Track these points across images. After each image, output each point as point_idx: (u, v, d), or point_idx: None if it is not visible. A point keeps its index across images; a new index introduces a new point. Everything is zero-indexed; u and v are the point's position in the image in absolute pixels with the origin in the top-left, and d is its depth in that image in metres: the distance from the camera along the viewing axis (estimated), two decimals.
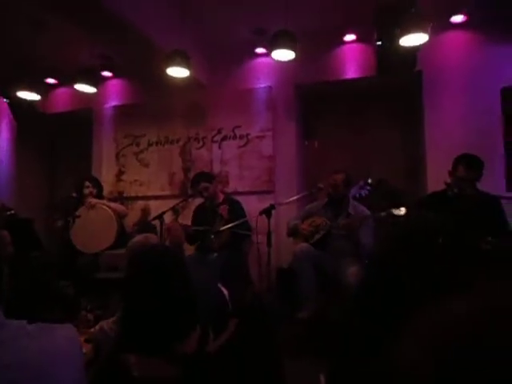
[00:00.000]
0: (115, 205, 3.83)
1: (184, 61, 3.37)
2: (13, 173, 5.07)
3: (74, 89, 4.01)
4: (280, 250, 3.75)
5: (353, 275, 2.66)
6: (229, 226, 3.09)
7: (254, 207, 3.58)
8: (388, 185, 3.74)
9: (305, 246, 2.97)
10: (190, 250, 3.50)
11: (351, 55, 3.99)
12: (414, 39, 2.87)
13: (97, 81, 4.08)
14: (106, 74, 4.74)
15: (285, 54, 3.35)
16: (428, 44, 2.97)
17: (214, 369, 1.04)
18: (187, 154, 4.42)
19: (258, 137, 4.17)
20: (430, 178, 3.62)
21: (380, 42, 3.19)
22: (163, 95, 4.43)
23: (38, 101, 4.29)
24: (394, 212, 2.64)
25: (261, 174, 4.13)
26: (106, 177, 4.65)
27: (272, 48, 3.32)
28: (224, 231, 3.17)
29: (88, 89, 3.95)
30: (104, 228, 3.57)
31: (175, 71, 3.45)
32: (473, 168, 2.56)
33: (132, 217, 4.33)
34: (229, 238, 3.24)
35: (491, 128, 3.48)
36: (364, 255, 2.91)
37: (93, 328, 1.78)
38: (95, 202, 3.66)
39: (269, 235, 2.83)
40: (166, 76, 3.50)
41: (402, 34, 2.84)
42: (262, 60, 4.26)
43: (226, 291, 1.91)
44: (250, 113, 4.21)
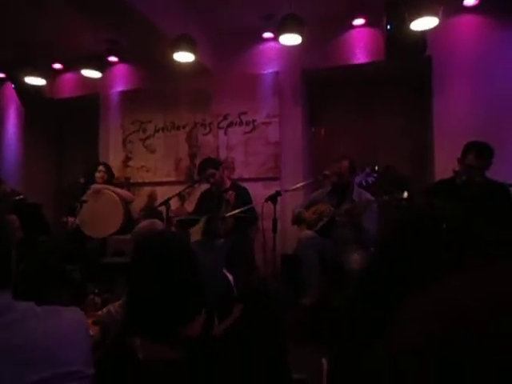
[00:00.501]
0: (121, 190, 3.86)
1: (190, 46, 3.34)
2: (21, 158, 5.12)
3: (81, 74, 4.00)
4: (285, 236, 3.77)
5: (356, 262, 2.66)
6: (235, 212, 3.10)
7: (259, 194, 3.58)
8: (395, 172, 3.71)
9: (309, 233, 2.98)
10: (197, 235, 3.52)
11: (360, 40, 3.92)
12: (424, 23, 2.81)
13: (103, 66, 4.07)
14: (112, 59, 4.71)
15: (292, 39, 3.30)
16: (438, 28, 2.91)
17: (218, 353, 1.06)
18: (193, 140, 4.42)
19: (265, 123, 4.14)
20: (437, 165, 3.58)
21: (389, 26, 3.13)
22: (169, 80, 4.40)
23: (45, 86, 4.30)
24: (397, 195, 2.63)
25: (267, 160, 4.12)
26: (113, 163, 4.66)
27: (279, 32, 3.27)
28: (230, 217, 3.18)
29: (94, 74, 3.95)
30: (110, 213, 3.60)
31: (181, 56, 3.42)
32: (483, 156, 2.53)
33: (139, 202, 4.36)
34: (234, 224, 3.26)
35: (502, 114, 3.42)
36: (368, 241, 2.91)
37: (100, 311, 1.82)
38: (101, 187, 3.69)
39: (274, 222, 2.84)
40: (172, 61, 3.47)
41: (412, 18, 2.78)
42: (268, 45, 4.20)
43: (231, 276, 1.93)
44: (257, 99, 4.18)
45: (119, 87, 4.81)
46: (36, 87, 4.22)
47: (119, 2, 3.00)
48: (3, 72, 5.03)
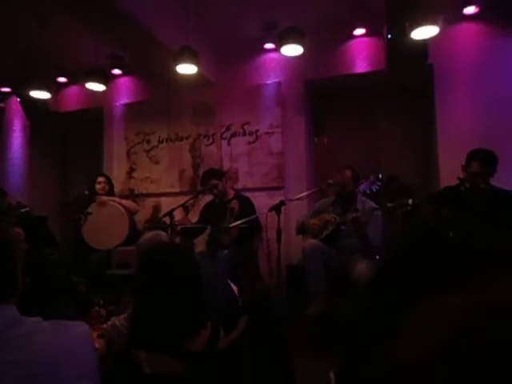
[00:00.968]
0: (126, 202, 3.87)
1: (192, 58, 3.38)
2: (26, 171, 5.16)
3: (85, 87, 4.04)
4: (290, 246, 3.75)
5: (362, 271, 2.64)
6: (239, 223, 3.10)
7: (263, 204, 3.58)
8: (399, 180, 3.70)
9: (314, 243, 2.96)
10: (201, 246, 3.52)
11: (361, 49, 3.95)
12: (425, 32, 2.82)
13: (107, 79, 4.11)
14: (116, 71, 4.77)
15: (294, 50, 3.33)
16: (439, 36, 2.92)
17: (224, 366, 1.05)
18: (197, 151, 4.44)
19: (268, 133, 4.16)
20: (442, 173, 3.57)
21: (390, 36, 3.15)
22: (172, 92, 4.44)
23: (50, 100, 4.35)
24: (402, 202, 2.62)
25: (270, 170, 4.13)
26: (117, 174, 4.70)
27: (281, 43, 3.31)
28: (234, 228, 3.18)
29: (98, 87, 3.99)
30: (116, 225, 3.61)
31: (184, 68, 3.46)
32: (487, 163, 2.52)
33: (143, 214, 4.37)
34: (238, 235, 3.25)
35: (505, 122, 3.41)
36: (373, 250, 2.90)
37: (105, 324, 1.81)
38: (106, 198, 3.70)
39: (278, 232, 2.83)
40: (175, 73, 3.51)
41: (413, 27, 2.80)
42: (270, 56, 4.24)
43: (235, 287, 1.92)
44: (259, 109, 4.20)
45: (123, 100, 4.86)
46: (41, 101, 4.27)
47: (122, 15, 3.05)
48: (9, 86, 5.10)
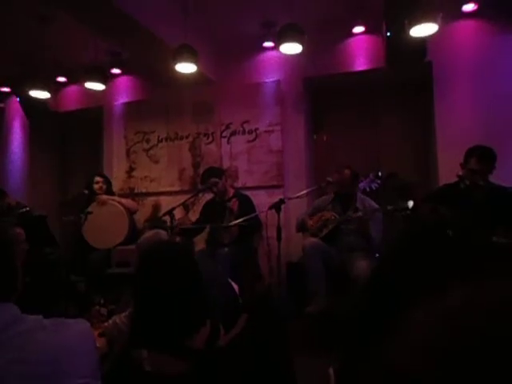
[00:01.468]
0: (126, 200, 3.87)
1: (192, 56, 3.37)
2: (26, 170, 5.16)
3: (84, 87, 4.04)
4: (290, 244, 3.76)
5: (362, 269, 2.65)
6: (239, 221, 3.10)
7: (263, 202, 3.59)
8: (398, 178, 3.71)
9: (314, 241, 2.97)
10: (201, 244, 3.52)
11: (360, 47, 3.94)
12: (423, 30, 2.82)
13: (106, 78, 4.11)
14: (115, 71, 4.77)
15: (293, 48, 3.33)
16: (438, 34, 2.92)
17: (224, 364, 1.06)
18: (197, 150, 4.44)
19: (267, 131, 4.16)
20: (441, 170, 3.57)
21: (389, 33, 3.15)
22: (172, 91, 4.44)
23: (49, 99, 4.34)
24: (402, 205, 2.62)
25: (270, 168, 4.13)
26: (116, 173, 4.70)
27: (280, 42, 3.30)
28: (234, 226, 3.18)
29: (97, 86, 3.99)
30: (116, 224, 3.61)
31: (183, 67, 3.45)
32: (485, 160, 2.53)
33: (143, 212, 4.37)
34: (238, 233, 3.26)
35: (504, 119, 3.41)
36: (374, 248, 2.90)
37: (106, 322, 1.81)
38: (106, 198, 3.70)
39: (278, 230, 2.83)
40: (175, 72, 3.51)
41: (412, 25, 2.80)
42: (270, 54, 4.24)
43: (236, 286, 1.93)
44: (259, 107, 4.20)
45: (122, 99, 4.85)
46: (40, 100, 4.27)
47: (121, 14, 3.04)
48: (8, 86, 5.10)
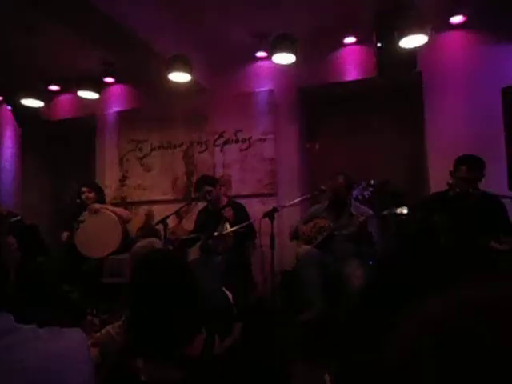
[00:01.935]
0: (119, 209, 3.85)
1: (185, 65, 3.40)
2: (18, 179, 5.12)
3: (77, 95, 4.05)
4: (283, 252, 3.76)
5: (356, 277, 2.66)
6: (233, 229, 3.11)
7: (256, 210, 3.59)
8: (391, 186, 3.75)
9: (308, 249, 2.97)
10: (195, 253, 3.52)
11: (351, 57, 4.01)
12: (413, 41, 2.89)
13: (99, 87, 4.12)
14: (108, 79, 4.78)
15: (285, 58, 3.38)
16: (428, 45, 2.99)
17: (219, 372, 1.06)
18: (190, 158, 4.45)
19: (260, 140, 4.19)
20: (432, 178, 3.62)
21: (380, 44, 3.21)
22: (165, 100, 4.46)
23: (42, 108, 4.34)
24: (397, 211, 2.65)
25: (263, 177, 4.15)
26: (109, 182, 4.68)
27: (272, 52, 3.35)
28: (228, 234, 3.18)
29: (91, 95, 4.00)
30: (108, 233, 3.59)
31: (177, 76, 3.48)
32: (474, 168, 2.57)
33: (136, 221, 4.35)
34: (232, 241, 3.26)
35: (492, 127, 3.48)
36: (368, 255, 2.92)
37: (99, 332, 1.80)
38: (99, 206, 3.68)
39: (272, 238, 2.84)
40: (168, 81, 3.53)
41: (402, 36, 2.86)
42: (263, 63, 4.28)
43: (230, 294, 1.93)
44: (252, 116, 4.23)
45: (115, 107, 4.86)
46: (32, 109, 4.26)
47: (115, 24, 3.06)
48: (0, 95, 5.07)
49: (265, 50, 4.11)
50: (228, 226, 3.26)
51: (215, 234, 3.29)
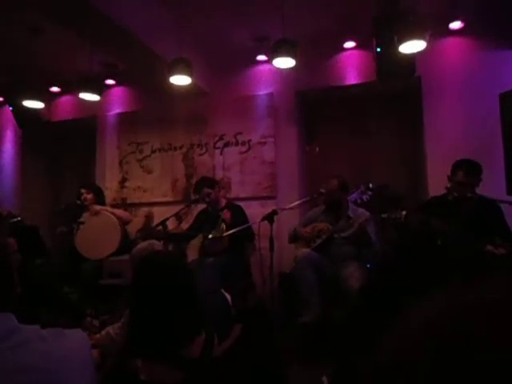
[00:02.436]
0: (119, 211, 3.86)
1: (186, 69, 3.42)
2: (18, 181, 5.12)
3: (78, 97, 4.05)
4: (282, 255, 3.77)
5: (355, 279, 2.67)
6: (231, 232, 3.12)
7: (256, 213, 3.61)
8: (389, 190, 3.76)
9: (306, 252, 2.99)
10: (193, 254, 3.53)
11: (351, 62, 4.04)
12: (412, 46, 2.91)
13: (100, 89, 4.12)
14: (110, 81, 4.80)
15: (286, 62, 3.39)
16: (426, 50, 3.02)
17: (218, 374, 1.07)
18: (190, 161, 4.46)
19: (260, 143, 4.21)
20: (430, 182, 3.64)
21: (379, 49, 3.24)
22: (166, 102, 4.48)
23: (43, 109, 4.35)
24: (395, 214, 2.66)
25: (263, 179, 4.17)
26: (109, 183, 4.69)
27: (273, 56, 3.36)
28: (226, 236, 3.20)
29: (91, 97, 4.00)
30: (108, 234, 3.60)
31: (178, 79, 3.49)
32: (472, 173, 2.59)
33: (135, 223, 4.36)
34: (228, 243, 3.27)
35: (490, 132, 3.50)
36: (367, 257, 2.93)
37: (98, 333, 1.81)
38: (99, 208, 3.69)
39: (271, 240, 2.85)
40: (169, 83, 3.55)
41: (401, 42, 2.88)
42: (263, 67, 4.31)
43: (229, 296, 1.94)
44: (252, 119, 4.25)
45: (116, 109, 4.87)
46: (33, 110, 4.27)
47: (117, 27, 3.08)
48: (1, 96, 5.09)
49: (265, 54, 4.14)
50: (224, 227, 3.27)
51: (209, 237, 3.31)
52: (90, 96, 3.99)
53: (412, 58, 3.19)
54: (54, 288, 2.64)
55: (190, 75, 3.46)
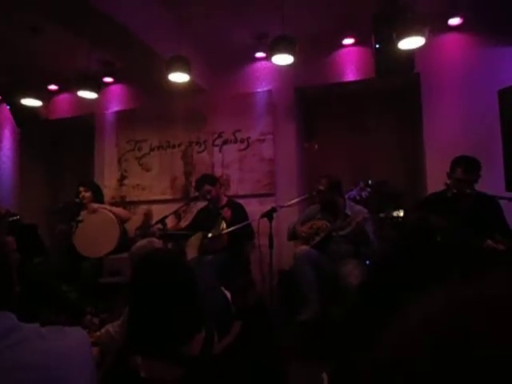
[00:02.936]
0: (118, 209, 3.85)
1: (184, 66, 3.41)
2: (16, 179, 5.11)
3: (76, 95, 4.04)
4: (282, 252, 3.78)
5: (353, 277, 2.68)
6: (231, 229, 3.12)
7: (255, 210, 3.60)
8: (388, 186, 3.76)
9: (305, 249, 2.99)
10: (193, 252, 3.52)
11: (350, 58, 4.03)
12: (411, 43, 2.91)
13: (98, 87, 4.11)
14: (108, 79, 4.78)
15: (284, 59, 3.38)
16: (425, 46, 3.01)
17: (218, 371, 1.07)
18: (189, 158, 4.46)
19: (259, 140, 4.20)
20: (429, 178, 3.64)
21: (378, 46, 3.23)
22: (164, 100, 4.46)
23: (41, 107, 4.33)
24: (393, 213, 2.66)
25: (261, 177, 4.16)
26: (108, 182, 4.69)
27: (272, 53, 3.35)
28: (225, 234, 3.20)
29: (90, 95, 3.99)
30: (106, 232, 3.60)
31: (176, 76, 3.48)
32: (471, 170, 2.59)
33: (134, 221, 4.36)
34: (228, 241, 3.27)
35: (489, 129, 3.50)
36: (365, 255, 2.93)
37: (98, 331, 1.81)
38: (97, 206, 3.69)
39: (270, 238, 2.85)
40: (167, 81, 3.54)
41: (400, 38, 2.88)
42: (261, 64, 4.30)
43: (228, 293, 1.94)
44: (251, 116, 4.25)
45: (114, 107, 4.86)
46: (31, 108, 4.25)
47: (115, 25, 3.07)
48: None
49: (264, 51, 4.12)
50: (224, 225, 3.27)
51: (209, 235, 3.31)
52: (88, 94, 3.98)
53: (411, 54, 3.18)
54: (53, 286, 2.64)
55: (189, 72, 3.45)
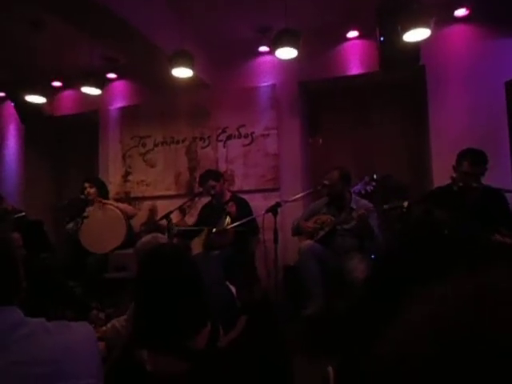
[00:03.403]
0: (124, 205, 3.87)
1: (188, 61, 3.40)
2: (21, 175, 5.14)
3: (80, 91, 4.05)
4: (287, 247, 3.77)
5: (358, 271, 2.67)
6: (236, 224, 3.12)
7: (259, 205, 3.60)
8: (393, 180, 3.74)
9: (310, 243, 2.98)
10: (198, 248, 3.54)
11: (354, 51, 3.99)
12: (416, 34, 2.87)
13: (102, 83, 4.11)
14: (111, 75, 4.78)
15: (288, 52, 3.36)
16: (431, 38, 2.97)
17: (224, 365, 1.07)
18: (193, 154, 4.45)
19: (263, 135, 4.19)
20: (435, 172, 3.62)
21: (382, 38, 3.20)
22: (168, 95, 4.46)
23: (45, 104, 4.34)
24: (397, 204, 2.65)
25: (266, 172, 4.15)
26: (112, 178, 4.70)
27: (275, 47, 3.33)
28: (230, 229, 3.20)
29: (93, 91, 3.99)
30: (112, 228, 3.61)
31: (179, 72, 3.47)
32: (477, 163, 2.57)
33: (139, 217, 4.37)
34: (233, 236, 3.27)
35: (496, 121, 3.47)
36: (370, 248, 2.92)
37: (104, 326, 1.82)
38: (104, 201, 3.70)
39: (275, 233, 2.85)
40: (170, 76, 3.53)
41: (405, 30, 2.84)
42: (265, 58, 4.27)
43: (233, 288, 1.95)
44: (255, 111, 4.23)
45: (118, 103, 4.86)
46: (35, 105, 4.26)
47: (118, 20, 3.06)
48: (3, 91, 5.09)
49: (267, 45, 4.10)
50: (229, 220, 3.28)
51: (214, 230, 3.31)
52: (91, 90, 3.98)
53: (416, 46, 3.14)
54: (59, 282, 2.66)
55: (192, 67, 3.44)
